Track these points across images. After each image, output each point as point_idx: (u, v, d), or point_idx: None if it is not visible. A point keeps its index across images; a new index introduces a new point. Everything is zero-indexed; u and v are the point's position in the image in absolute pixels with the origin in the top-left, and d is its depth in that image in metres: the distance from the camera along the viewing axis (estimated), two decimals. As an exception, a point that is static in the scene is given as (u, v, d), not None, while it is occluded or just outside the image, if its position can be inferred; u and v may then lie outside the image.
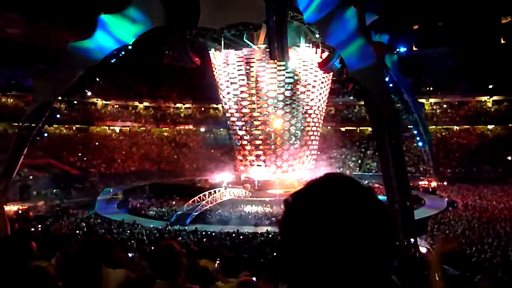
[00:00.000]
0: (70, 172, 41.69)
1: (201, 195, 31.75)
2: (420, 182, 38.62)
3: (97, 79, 25.78)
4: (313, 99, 36.76)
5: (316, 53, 34.95)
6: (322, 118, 39.40)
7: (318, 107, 37.70)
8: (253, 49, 34.92)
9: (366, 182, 39.74)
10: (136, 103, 57.63)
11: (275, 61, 32.31)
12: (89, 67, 23.65)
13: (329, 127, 52.85)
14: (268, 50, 30.15)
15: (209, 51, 37.25)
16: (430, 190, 36.67)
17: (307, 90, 36.21)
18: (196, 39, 34.18)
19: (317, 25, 25.87)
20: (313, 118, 37.34)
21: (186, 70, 43.71)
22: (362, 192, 1.04)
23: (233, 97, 36.73)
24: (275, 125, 36.03)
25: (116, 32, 24.13)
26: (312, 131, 37.73)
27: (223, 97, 37.86)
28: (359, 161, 48.67)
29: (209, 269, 4.81)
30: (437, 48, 56.48)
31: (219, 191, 33.21)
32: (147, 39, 26.91)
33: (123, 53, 25.62)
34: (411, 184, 24.17)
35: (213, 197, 31.87)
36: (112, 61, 25.54)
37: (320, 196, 1.03)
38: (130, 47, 25.22)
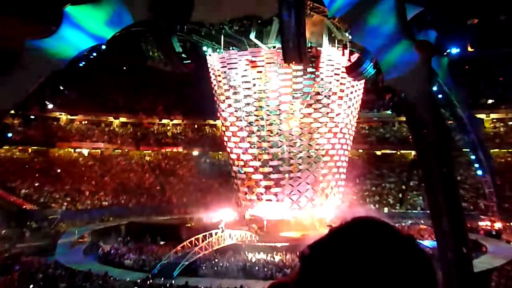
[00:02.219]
0: (23, 207, 41.72)
1: (193, 239, 31.51)
2: (480, 223, 38.42)
3: (62, 88, 26.12)
4: (339, 114, 37.18)
5: (343, 54, 35.65)
6: (351, 138, 39.74)
7: (346, 124, 38.07)
8: (262, 49, 35.55)
9: (409, 222, 39.57)
10: (111, 119, 58.17)
11: (290, 64, 32.87)
12: (52, 72, 23.93)
13: (360, 150, 52.80)
14: (281, 50, 30.63)
15: (205, 52, 38.05)
16: (494, 233, 36.42)
17: (332, 103, 36.74)
18: (189, 37, 34.80)
19: (344, 20, 26.22)
20: (339, 138, 37.68)
21: (175, 76, 44.03)
22: (400, 244, 1.01)
23: (236, 111, 37.30)
24: (291, 148, 36.51)
25: (86, 27, 24.33)
26: (338, 155, 37.94)
27: (223, 110, 38.43)
28: (400, 195, 48.32)
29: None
30: (499, 48, 56.54)
31: (216, 234, 32.98)
32: (126, 36, 27.32)
33: (94, 54, 25.97)
34: (468, 225, 23.95)
35: (209, 241, 31.50)
36: (81, 64, 25.89)
37: (345, 248, 1.00)
38: (104, 47, 25.59)
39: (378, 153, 55.17)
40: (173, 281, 25.79)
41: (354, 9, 22.01)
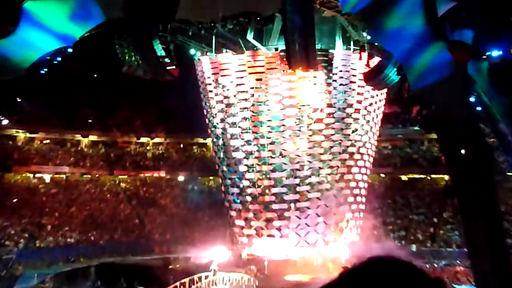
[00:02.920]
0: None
1: (178, 283, 31.32)
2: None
3: (19, 100, 26.14)
4: (356, 130, 37.31)
5: (360, 58, 35.86)
6: (371, 160, 39.82)
7: (365, 142, 38.21)
8: (262, 52, 35.86)
9: (443, 263, 39.30)
10: (78, 137, 57.98)
11: (296, 71, 32.90)
12: (7, 81, 23.98)
13: (382, 175, 53.01)
14: (285, 54, 30.75)
15: (194, 56, 38.25)
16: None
17: (348, 117, 36.90)
18: (173, 38, 35.00)
19: (362, 16, 26.33)
20: (357, 160, 37.80)
21: (156, 86, 44.25)
22: None
23: (230, 127, 37.38)
24: (298, 172, 36.49)
25: (50, 26, 24.35)
26: (355, 180, 37.98)
27: (215, 127, 38.59)
28: (431, 229, 48.09)
29: None
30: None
31: (207, 277, 32.78)
32: (97, 37, 27.46)
33: (59, 59, 26.06)
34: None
35: (198, 287, 31.66)
36: (43, 71, 25.95)
37: None
38: (70, 50, 25.69)
39: (404, 178, 54.94)
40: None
41: (374, 3, 22.12)
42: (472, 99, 27.22)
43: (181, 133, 58.37)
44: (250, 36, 35.08)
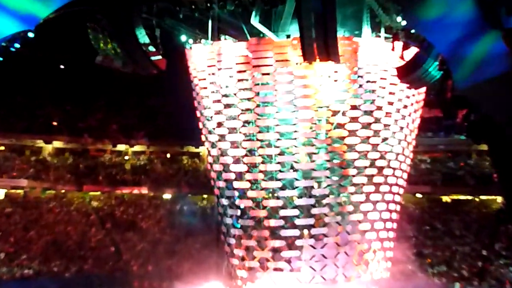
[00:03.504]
0: None
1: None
2: None
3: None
4: (387, 139, 36.96)
5: (393, 49, 35.47)
6: (405, 176, 39.44)
7: (398, 155, 37.76)
8: (270, 39, 35.62)
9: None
10: (40, 143, 58.37)
11: (313, 63, 33.03)
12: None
13: (419, 195, 52.94)
14: (298, 42, 30.67)
15: (185, 45, 38.09)
16: None
17: (376, 122, 36.48)
18: (160, 22, 34.90)
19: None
20: (387, 176, 37.38)
21: (138, 80, 44.21)
22: None
23: (230, 133, 36.87)
24: (313, 190, 35.98)
25: (5, 3, 24.26)
26: (385, 201, 37.56)
27: (210, 132, 38.20)
28: (480, 264, 48.09)
29: None
30: None
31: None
32: (65, 20, 27.39)
33: (17, 46, 26.00)
34: None
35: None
36: (-4, 61, 25.93)
37: None
38: (32, 34, 25.61)
39: (446, 199, 54.96)
40: None
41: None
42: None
43: (168, 139, 58.50)
44: (255, 20, 34.78)
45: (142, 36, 32.16)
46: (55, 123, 57.51)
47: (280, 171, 35.98)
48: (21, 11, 24.08)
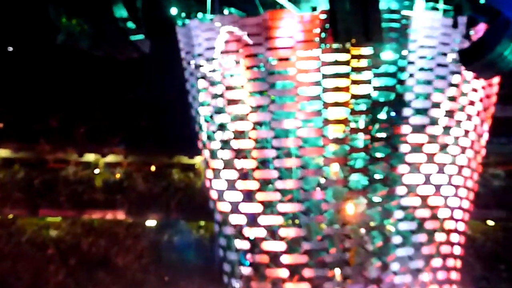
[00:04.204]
0: None
1: None
2: None
3: None
4: (446, 145, 36.09)
5: (455, 26, 34.53)
6: (471, 196, 38.48)
7: (461, 168, 36.80)
8: (290, 14, 34.88)
9: None
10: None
11: (347, 45, 32.76)
12: None
13: (490, 222, 52.60)
14: (327, 16, 30.04)
15: (175, 20, 37.61)
16: None
17: (432, 124, 35.62)
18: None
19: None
20: (446, 197, 36.41)
21: (112, 67, 43.77)
22: None
23: (235, 138, 36.46)
24: (347, 212, 35.18)
25: None
26: (444, 230, 36.64)
27: (209, 138, 37.72)
28: None
29: None
30: None
31: None
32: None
33: None
34: None
35: None
36: None
37: None
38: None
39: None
40: None
41: None
42: None
43: (153, 147, 57.71)
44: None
45: (119, 8, 31.68)
46: (0, 125, 57.25)
47: (303, 189, 35.43)
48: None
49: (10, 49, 56.43)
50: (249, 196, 36.05)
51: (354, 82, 34.51)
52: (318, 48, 34.38)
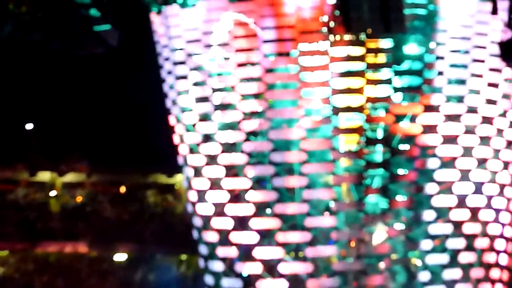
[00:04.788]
0: None
1: None
2: None
3: None
4: (484, 160, 37.24)
5: (495, 13, 34.81)
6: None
7: (503, 187, 38.26)
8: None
9: None
10: None
11: (361, 35, 33.51)
12: None
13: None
14: (337, 3, 30.47)
15: (150, 7, 38.59)
16: None
17: (469, 132, 35.80)
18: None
19: None
20: (486, 222, 37.74)
21: (71, 63, 44.08)
22: None
23: (225, 151, 37.23)
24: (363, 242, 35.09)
25: None
26: (483, 264, 37.80)
27: (191, 150, 38.93)
28: None
29: None
30: None
31: None
32: None
33: None
34: None
35: None
36: None
37: None
38: None
39: None
40: None
41: None
42: None
43: (123, 164, 57.86)
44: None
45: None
46: None
47: (309, 214, 35.66)
48: None
49: None
50: (241, 223, 35.98)
51: (370, 82, 34.58)
52: (326, 41, 34.30)
